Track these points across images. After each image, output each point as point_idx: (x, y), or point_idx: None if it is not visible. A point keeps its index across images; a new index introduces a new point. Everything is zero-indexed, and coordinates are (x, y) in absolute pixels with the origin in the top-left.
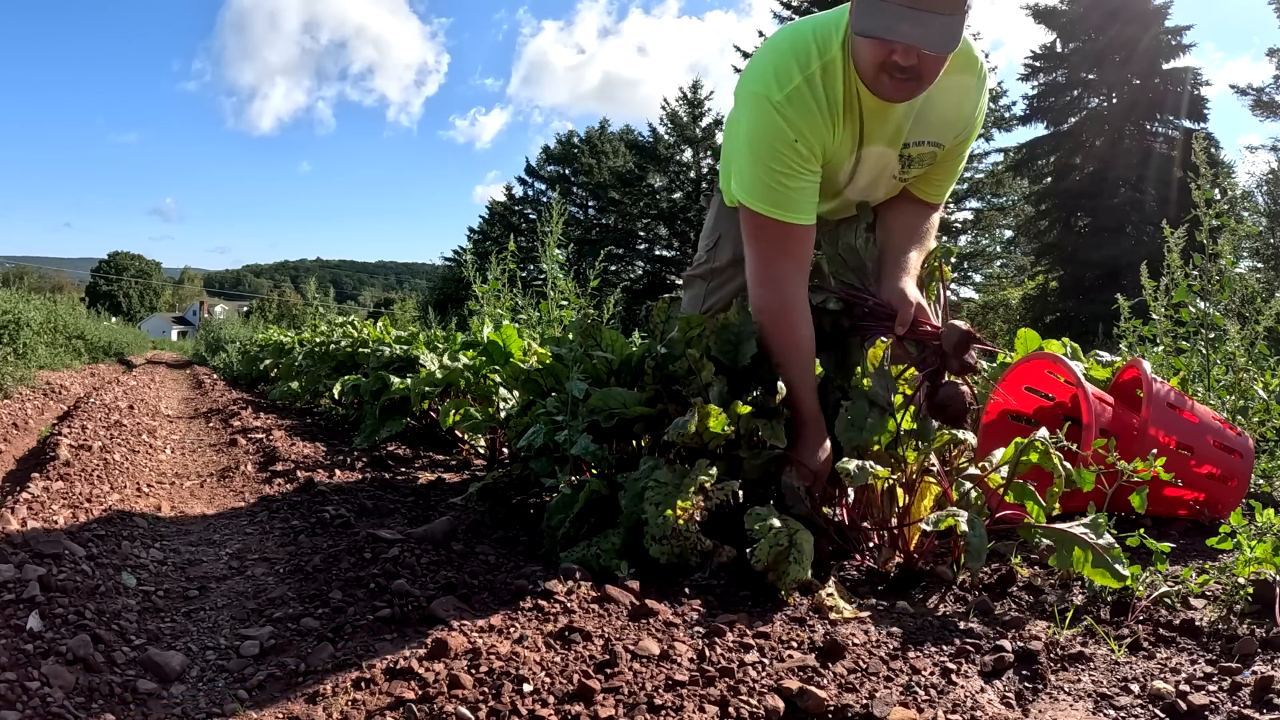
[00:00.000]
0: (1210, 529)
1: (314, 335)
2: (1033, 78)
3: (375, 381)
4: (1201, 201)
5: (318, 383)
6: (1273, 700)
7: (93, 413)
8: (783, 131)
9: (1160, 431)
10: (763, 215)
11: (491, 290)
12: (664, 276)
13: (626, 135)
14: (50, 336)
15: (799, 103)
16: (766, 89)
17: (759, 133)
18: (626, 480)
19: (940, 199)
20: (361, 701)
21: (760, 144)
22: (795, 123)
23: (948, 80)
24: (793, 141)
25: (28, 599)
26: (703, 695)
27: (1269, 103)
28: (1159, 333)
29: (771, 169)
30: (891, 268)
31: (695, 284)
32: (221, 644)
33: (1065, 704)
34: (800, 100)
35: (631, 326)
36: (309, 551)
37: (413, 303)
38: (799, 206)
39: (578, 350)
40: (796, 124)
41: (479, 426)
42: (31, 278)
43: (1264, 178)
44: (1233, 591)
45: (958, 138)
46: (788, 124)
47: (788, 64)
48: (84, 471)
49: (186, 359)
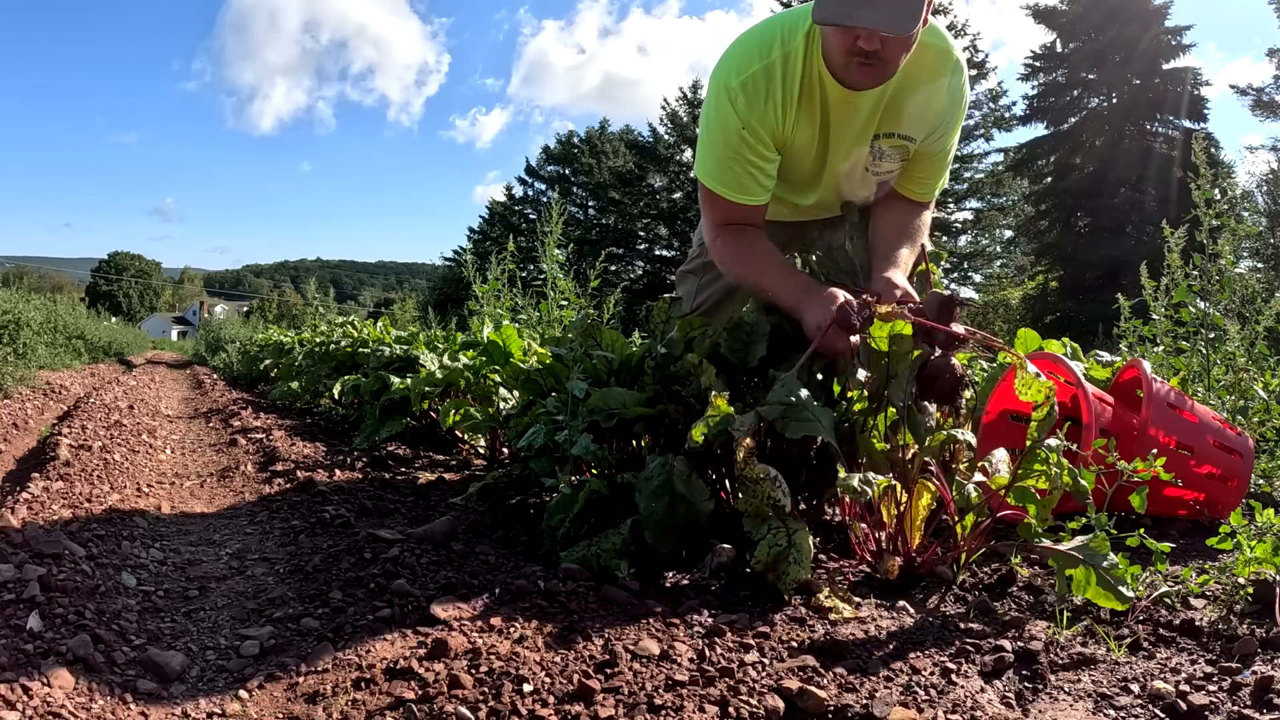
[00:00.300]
0: (1210, 529)
1: (314, 335)
2: (1033, 78)
3: (375, 381)
4: (1201, 201)
5: (318, 383)
6: (1273, 700)
7: (93, 413)
8: (731, 118)
9: (1160, 431)
10: (716, 194)
11: (491, 290)
12: (664, 276)
13: (626, 135)
14: (50, 336)
15: (751, 90)
16: (726, 75)
17: (714, 118)
18: (637, 480)
19: (928, 196)
20: (361, 701)
21: (715, 129)
22: (743, 111)
23: (919, 73)
24: (739, 129)
25: (28, 599)
26: (703, 695)
27: (1269, 103)
28: (1159, 333)
29: (723, 154)
30: (881, 261)
31: (688, 279)
32: (221, 644)
33: (1065, 704)
34: (753, 87)
35: (631, 326)
36: (309, 551)
37: (413, 303)
38: (749, 189)
39: (578, 350)
40: (744, 112)
41: (479, 426)
42: (31, 278)
43: (1264, 178)
44: (1233, 591)
45: (932, 134)
46: (735, 111)
47: (749, 52)
48: (84, 471)
49: (186, 359)
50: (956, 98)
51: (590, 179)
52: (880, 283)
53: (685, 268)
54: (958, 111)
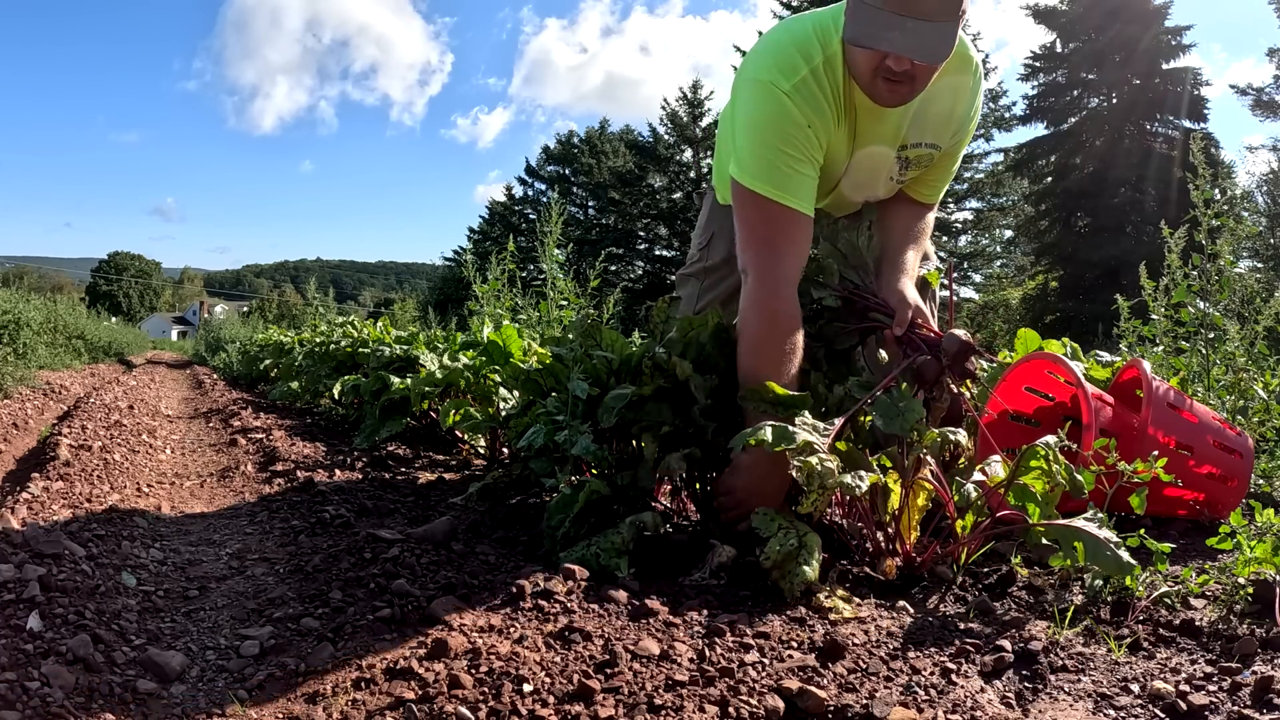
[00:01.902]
0: (1210, 529)
1: (314, 335)
2: (1033, 78)
3: (375, 381)
4: (1200, 202)
5: (318, 383)
6: (1273, 700)
7: (93, 413)
8: (794, 115)
9: (1160, 431)
10: (763, 197)
11: (491, 290)
12: (664, 276)
13: (626, 135)
14: (50, 336)
15: (807, 93)
16: (772, 78)
17: (767, 116)
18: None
19: (935, 199)
20: (361, 701)
21: (767, 127)
22: (806, 111)
23: (943, 80)
24: (805, 126)
25: (28, 599)
26: (703, 695)
27: (1269, 103)
28: (1159, 333)
29: (780, 150)
30: (890, 268)
31: (689, 283)
32: (221, 644)
33: (1065, 704)
34: (808, 90)
35: (631, 326)
36: (309, 551)
37: (413, 303)
38: (801, 192)
39: (578, 350)
40: (808, 112)
41: (479, 426)
42: (31, 278)
43: (1264, 178)
44: (1233, 591)
45: (954, 138)
46: (799, 111)
47: (791, 56)
48: (84, 471)
49: (186, 359)
50: (979, 103)
51: (590, 179)
52: (893, 295)
53: (686, 271)
54: (978, 115)
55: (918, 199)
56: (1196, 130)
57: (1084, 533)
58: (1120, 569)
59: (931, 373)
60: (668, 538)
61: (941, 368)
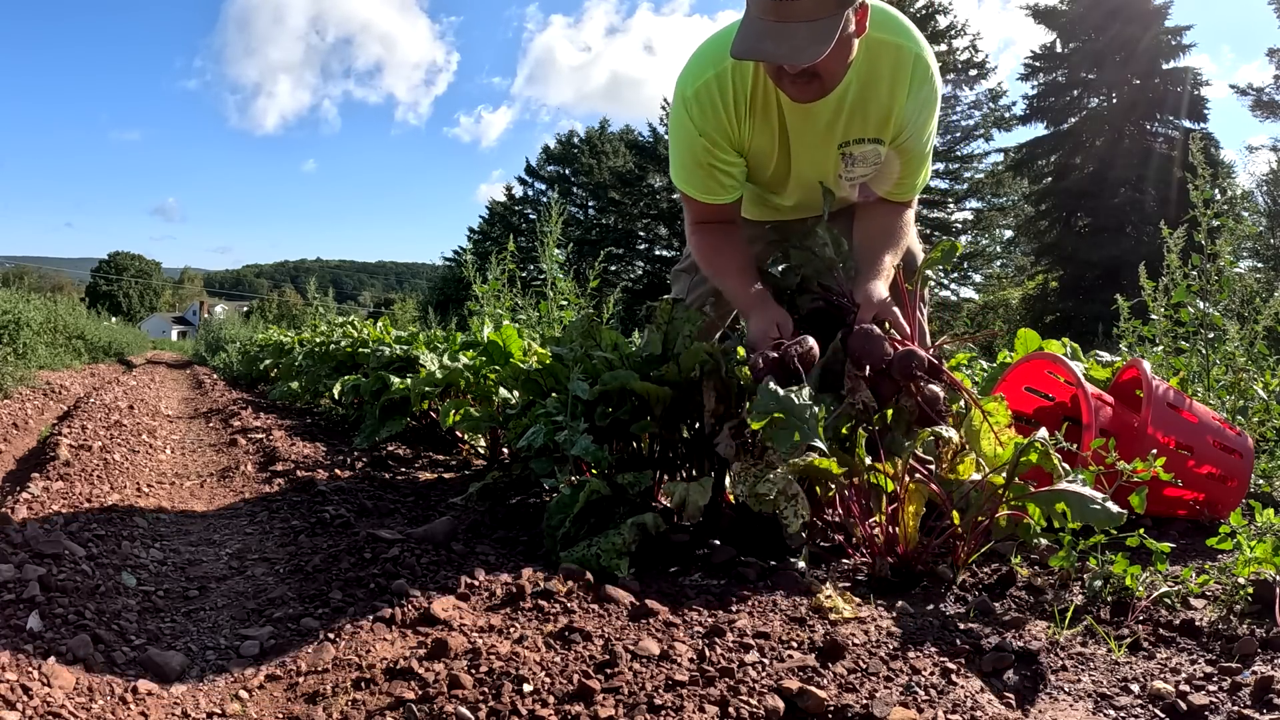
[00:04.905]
0: (1210, 529)
1: (314, 335)
2: (1033, 78)
3: (375, 381)
4: (1200, 202)
5: (318, 383)
6: (1273, 700)
7: (93, 413)
8: (688, 125)
9: (1160, 431)
10: (686, 194)
11: (491, 290)
12: (664, 276)
13: (626, 135)
14: (50, 336)
15: (704, 98)
16: (683, 84)
17: (674, 124)
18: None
19: (907, 196)
20: (361, 701)
21: (677, 136)
22: (697, 119)
23: (881, 74)
24: (696, 135)
25: (28, 599)
26: (703, 695)
27: (1269, 103)
28: (1159, 333)
29: (686, 159)
30: (866, 270)
31: (681, 278)
32: (221, 644)
33: (1065, 704)
34: (706, 95)
35: (631, 326)
36: (309, 551)
37: (413, 303)
38: (714, 190)
39: (578, 350)
40: (699, 120)
41: (479, 426)
42: (31, 278)
43: (1264, 178)
44: (1233, 591)
45: (901, 133)
46: (691, 119)
47: (702, 62)
48: (84, 471)
49: (186, 359)
50: (925, 95)
51: (590, 179)
52: (861, 295)
53: (679, 266)
54: (928, 109)
55: (890, 198)
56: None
57: (1066, 493)
58: (1110, 519)
59: (887, 391)
60: (668, 537)
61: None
